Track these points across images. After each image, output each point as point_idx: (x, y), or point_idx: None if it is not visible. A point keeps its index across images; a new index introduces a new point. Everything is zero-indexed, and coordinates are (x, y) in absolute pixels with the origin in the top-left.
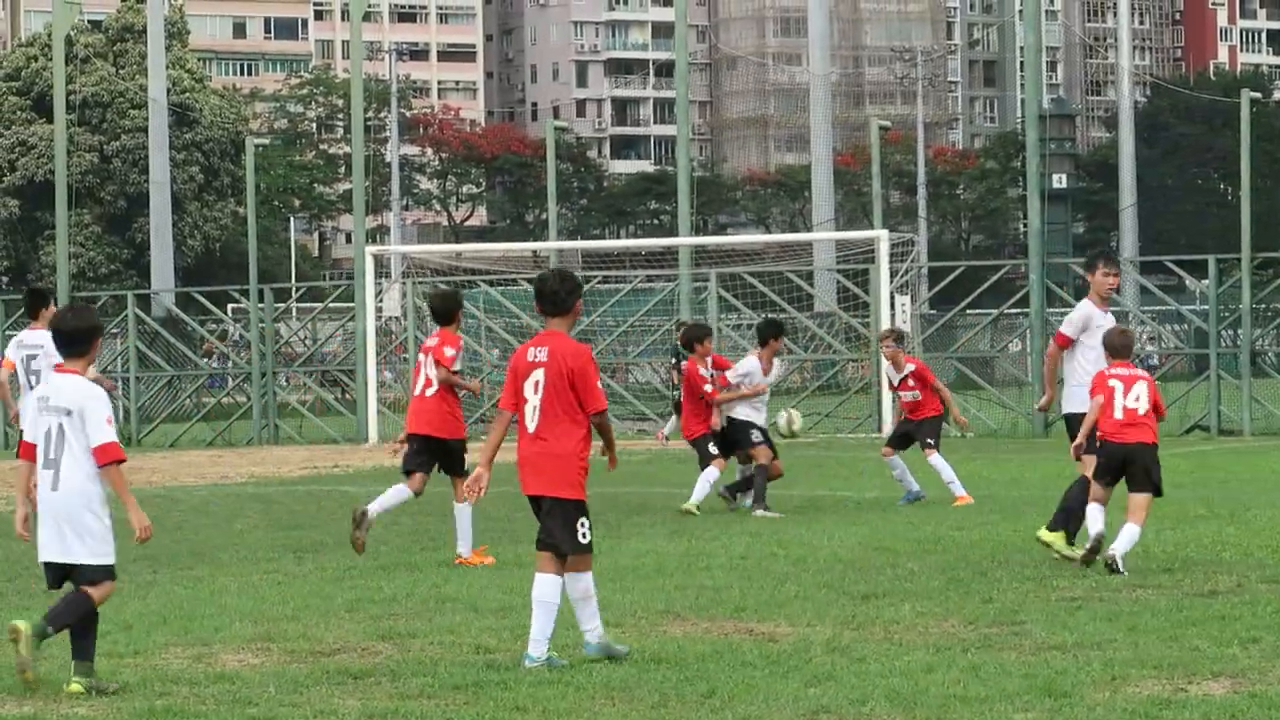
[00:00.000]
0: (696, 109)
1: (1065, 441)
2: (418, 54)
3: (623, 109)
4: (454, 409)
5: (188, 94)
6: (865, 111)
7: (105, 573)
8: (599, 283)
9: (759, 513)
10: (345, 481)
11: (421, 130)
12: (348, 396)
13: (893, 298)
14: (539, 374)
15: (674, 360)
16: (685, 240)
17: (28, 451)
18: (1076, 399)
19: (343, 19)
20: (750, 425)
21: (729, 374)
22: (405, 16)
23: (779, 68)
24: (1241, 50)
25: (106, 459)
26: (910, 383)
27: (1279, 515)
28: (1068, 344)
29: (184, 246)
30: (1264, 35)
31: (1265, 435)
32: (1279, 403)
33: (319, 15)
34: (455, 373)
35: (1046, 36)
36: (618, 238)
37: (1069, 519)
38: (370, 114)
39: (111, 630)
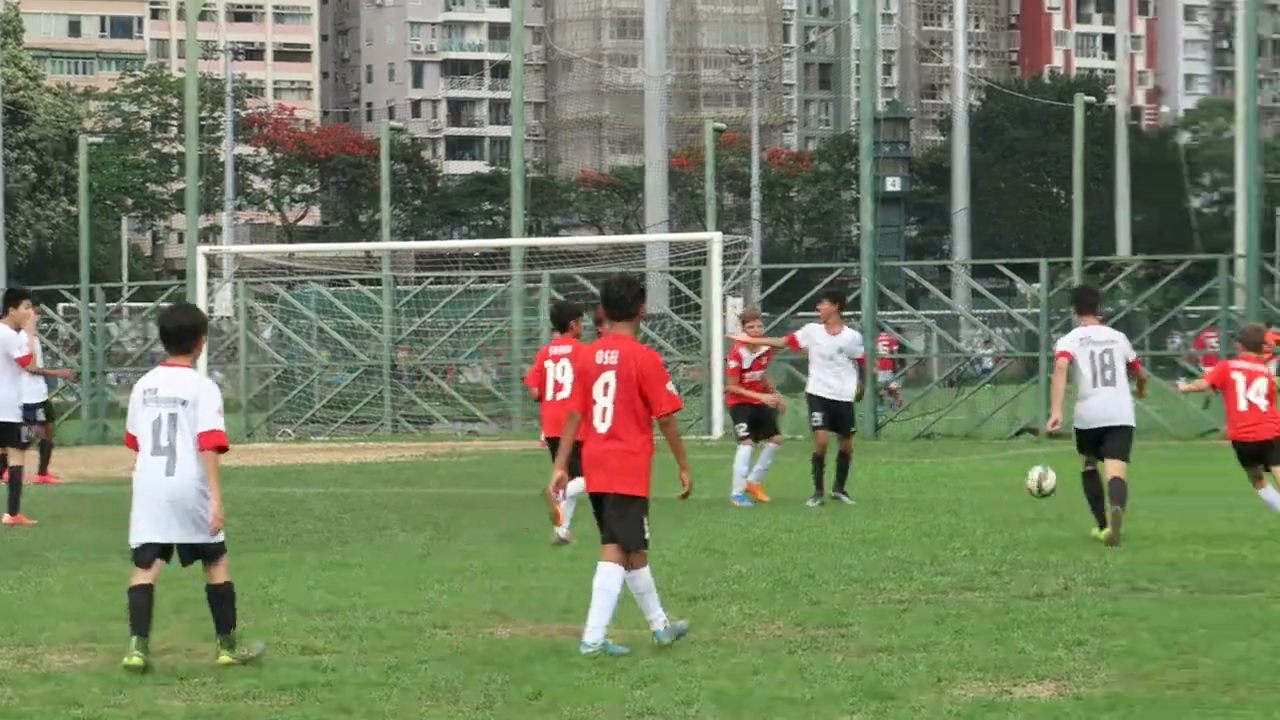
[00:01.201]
0: (532, 110)
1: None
2: (253, 53)
3: (458, 110)
4: None
5: (21, 92)
6: (700, 113)
7: (222, 547)
8: (431, 283)
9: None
10: None
11: (256, 130)
12: None
13: (725, 300)
14: (609, 376)
15: None
16: (519, 241)
17: (132, 442)
18: None
19: (178, 18)
20: None
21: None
22: (241, 16)
23: (615, 69)
24: (1077, 54)
25: (211, 444)
26: (764, 361)
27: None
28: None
29: (16, 245)
30: (1099, 40)
31: None
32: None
33: (155, 14)
34: None
35: (882, 40)
36: (451, 238)
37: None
38: (205, 113)
39: None
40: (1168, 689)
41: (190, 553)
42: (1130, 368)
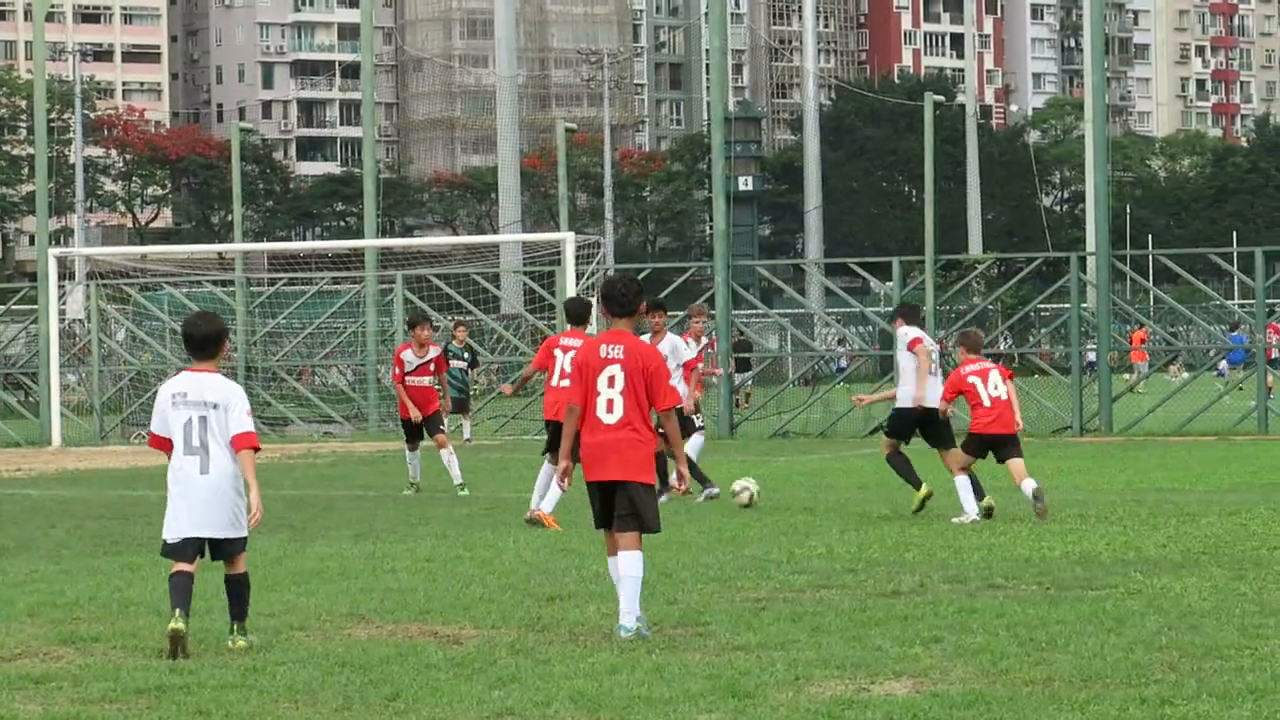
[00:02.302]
0: (383, 111)
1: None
2: (101, 54)
3: (309, 110)
4: None
5: None
6: (552, 113)
7: (245, 544)
8: (285, 285)
9: None
10: (28, 485)
11: (106, 132)
12: (31, 399)
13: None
14: (615, 369)
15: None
16: (371, 242)
17: (159, 443)
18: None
19: (25, 19)
20: None
21: None
22: (89, 17)
23: (465, 70)
24: (925, 54)
25: (246, 445)
26: (705, 353)
27: None
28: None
29: None
30: (947, 39)
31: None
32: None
33: (1, 15)
34: None
35: (731, 39)
36: (304, 240)
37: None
38: (54, 115)
39: None
40: (1024, 685)
41: (218, 546)
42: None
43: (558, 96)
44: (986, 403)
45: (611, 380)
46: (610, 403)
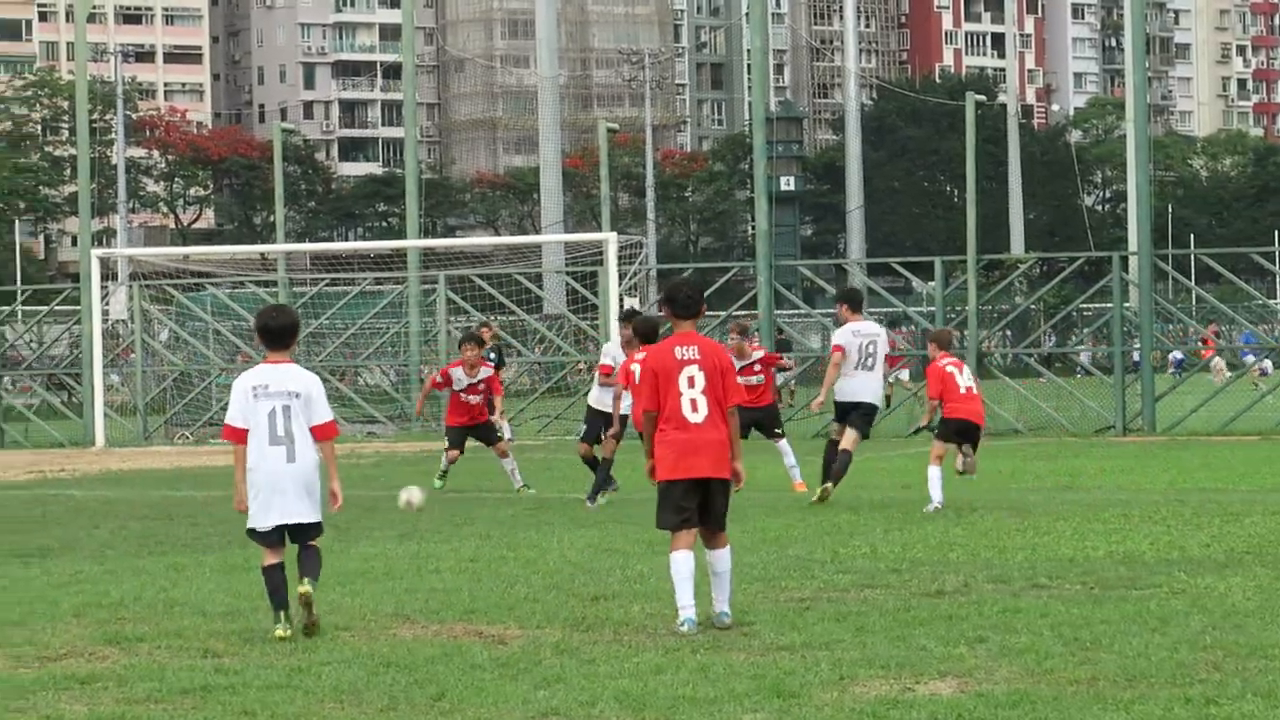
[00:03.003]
0: (425, 111)
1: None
2: (143, 55)
3: (350, 111)
4: None
5: None
6: (594, 114)
7: (322, 529)
8: (327, 285)
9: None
10: (72, 485)
11: (148, 132)
12: (74, 400)
13: (621, 300)
14: (693, 370)
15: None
16: (414, 243)
17: (235, 435)
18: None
19: (67, 20)
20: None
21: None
22: (131, 18)
23: (507, 70)
24: (966, 53)
25: (328, 435)
26: (756, 368)
27: (1003, 517)
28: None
29: None
30: (988, 39)
31: (991, 436)
32: (1004, 403)
33: (43, 16)
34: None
35: (773, 39)
36: (346, 240)
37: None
38: (96, 116)
39: None
40: (1069, 685)
41: (298, 531)
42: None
43: (599, 97)
44: (962, 390)
45: (692, 380)
46: (694, 402)
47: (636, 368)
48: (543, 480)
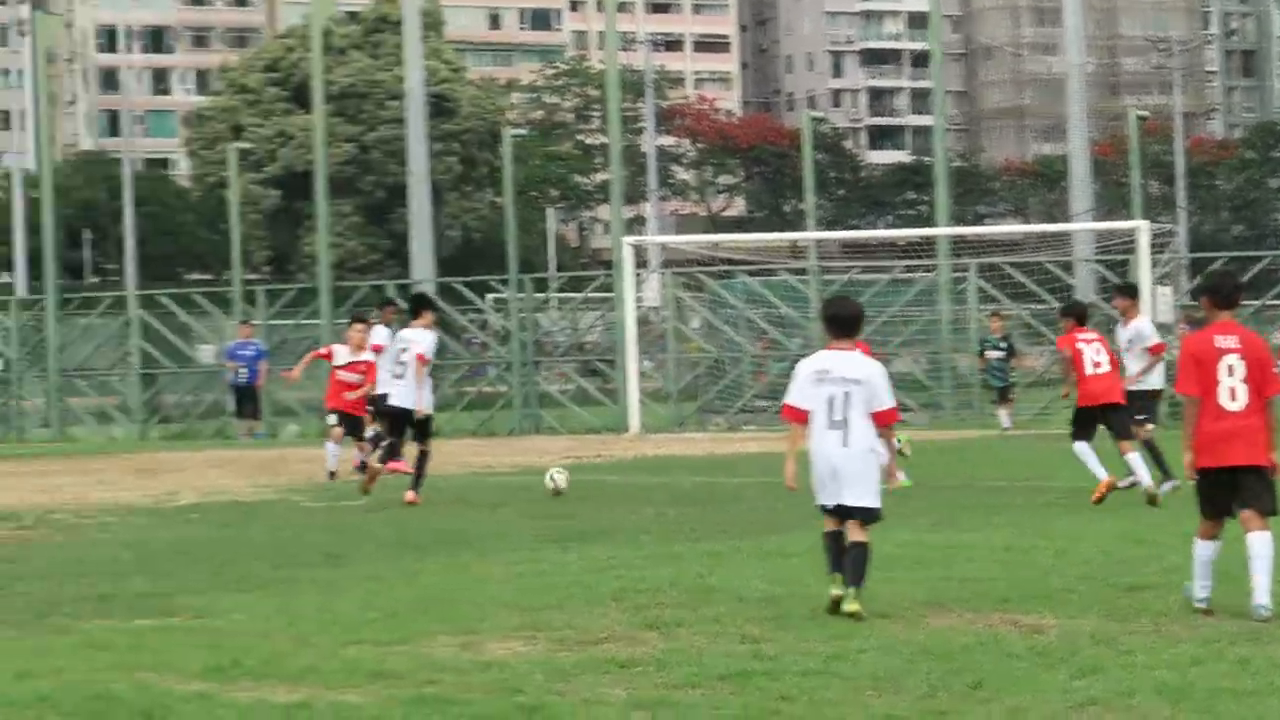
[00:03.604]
0: (953, 99)
1: None
2: (672, 44)
3: (879, 99)
4: None
5: (444, 85)
6: (1122, 101)
7: (877, 514)
8: (857, 273)
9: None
10: (607, 471)
11: (677, 121)
12: (608, 386)
13: (1154, 289)
14: (1233, 359)
15: (980, 349)
16: (943, 230)
17: (795, 415)
18: None
19: (597, 10)
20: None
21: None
22: (659, 7)
23: (1034, 57)
24: None
25: (888, 421)
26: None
27: None
28: None
29: (443, 237)
30: None
31: None
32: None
33: (574, 6)
34: None
35: None
36: (875, 228)
37: None
38: (625, 104)
39: (378, 618)
40: None
41: (849, 513)
42: None
43: (1127, 84)
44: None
45: (1231, 369)
46: (1233, 390)
47: (1083, 345)
48: (1076, 469)
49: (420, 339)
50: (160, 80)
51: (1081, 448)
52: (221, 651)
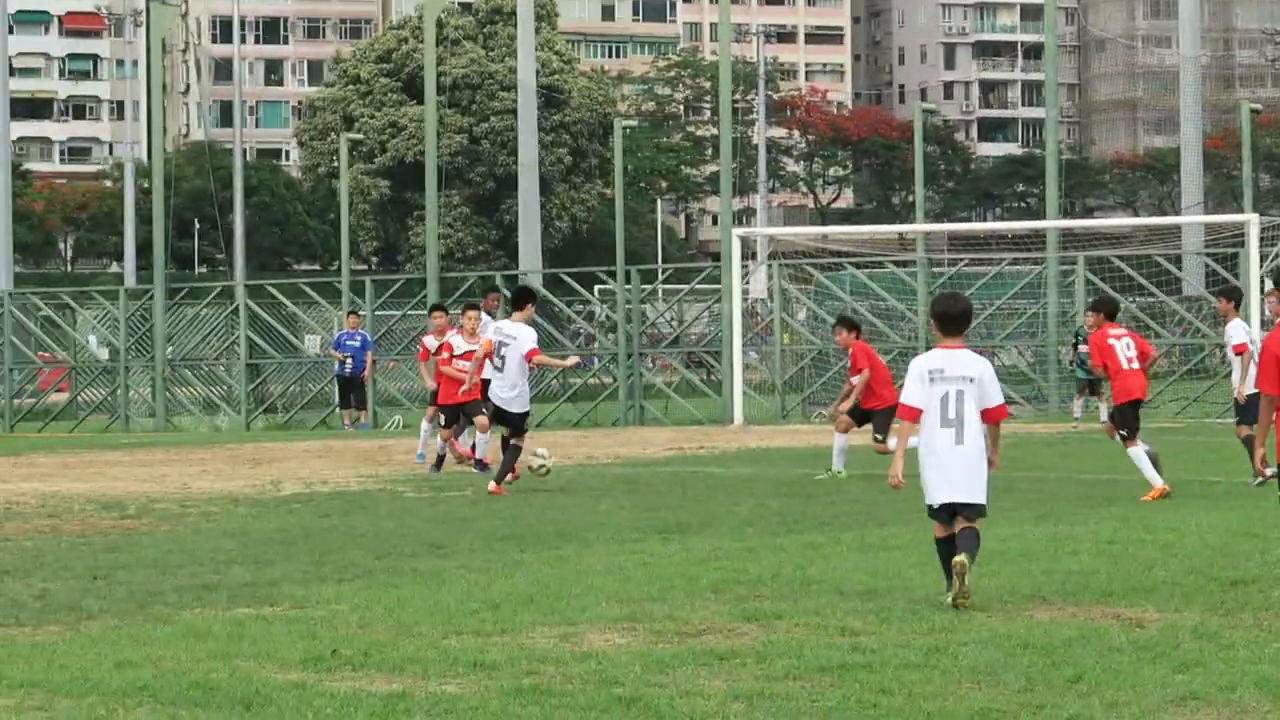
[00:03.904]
0: (1065, 91)
1: None
2: (785, 36)
3: (990, 91)
4: None
5: (556, 76)
6: (1235, 94)
7: (984, 511)
8: (965, 265)
9: None
10: (711, 463)
11: (788, 113)
12: (713, 378)
13: (1263, 282)
14: None
15: (1074, 341)
16: (1052, 223)
17: (910, 414)
18: None
19: (710, 2)
20: None
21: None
22: (773, 0)
23: (1148, 50)
24: None
25: (998, 417)
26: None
27: None
28: None
29: (551, 228)
30: None
31: None
32: None
33: None
34: None
35: None
36: (984, 220)
37: None
38: (737, 96)
39: (479, 609)
40: None
41: (958, 509)
42: None
43: (1241, 77)
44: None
45: None
46: None
47: (1114, 342)
48: (1181, 463)
49: (523, 334)
50: (273, 71)
51: (1136, 452)
52: (321, 641)
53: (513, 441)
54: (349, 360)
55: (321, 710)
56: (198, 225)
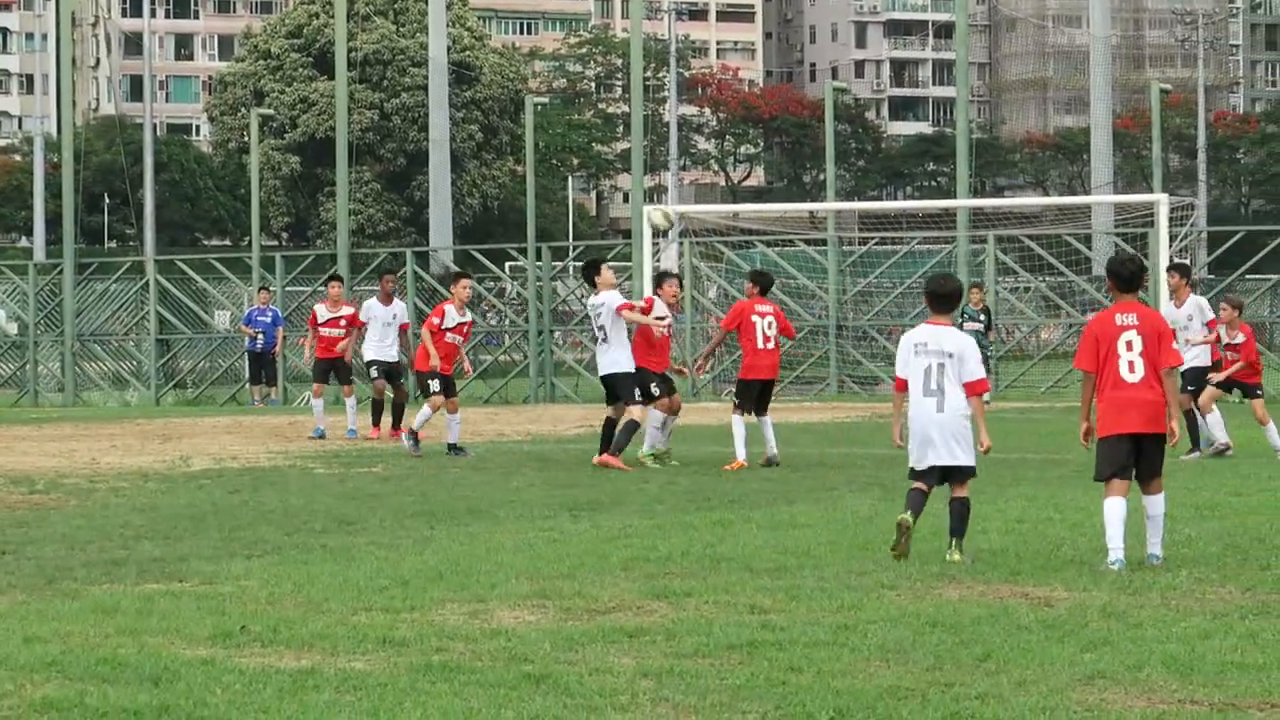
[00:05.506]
0: (975, 70)
1: None
2: (696, 14)
3: (901, 70)
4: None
5: (467, 52)
6: (1145, 74)
7: (973, 472)
8: (876, 244)
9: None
10: None
11: (700, 90)
12: None
13: (1171, 261)
14: (1131, 334)
15: (959, 321)
16: (963, 202)
17: (900, 385)
18: None
19: None
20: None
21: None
22: None
23: (1059, 30)
24: None
25: (978, 390)
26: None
27: None
28: None
29: (462, 204)
30: None
31: None
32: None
33: None
34: None
35: None
36: (895, 199)
37: None
38: (648, 74)
39: (388, 586)
40: None
41: (949, 472)
42: None
43: (1151, 57)
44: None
45: (1130, 344)
46: (1131, 364)
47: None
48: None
49: (609, 298)
50: (183, 45)
51: (737, 421)
52: (230, 617)
53: (626, 409)
54: (260, 336)
55: (230, 686)
56: (108, 200)
